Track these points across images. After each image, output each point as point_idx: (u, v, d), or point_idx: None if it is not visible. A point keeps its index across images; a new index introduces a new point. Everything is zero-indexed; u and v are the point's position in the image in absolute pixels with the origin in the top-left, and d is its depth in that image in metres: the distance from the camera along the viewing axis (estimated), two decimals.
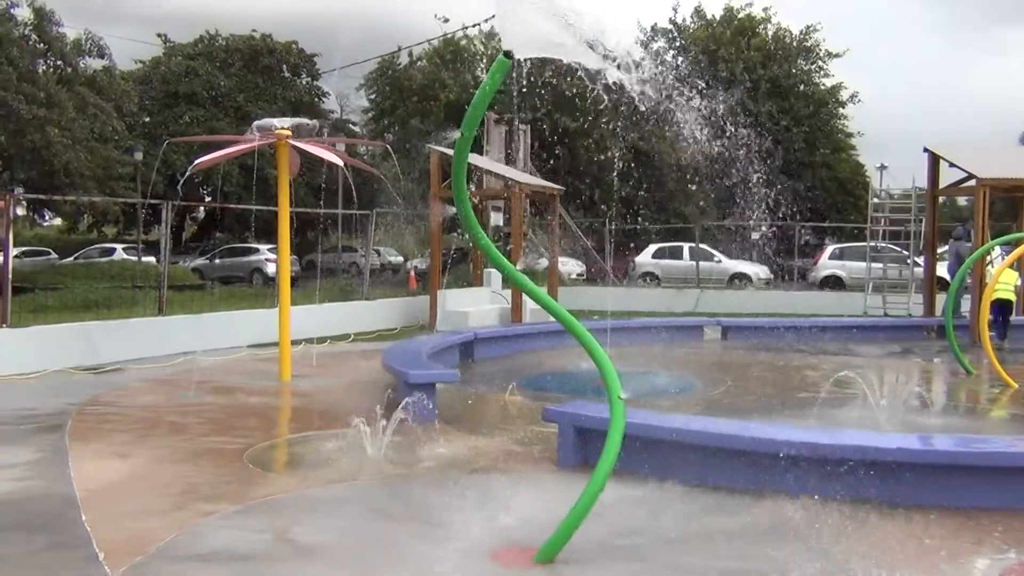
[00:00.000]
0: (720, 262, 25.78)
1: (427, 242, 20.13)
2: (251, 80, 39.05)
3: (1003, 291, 12.83)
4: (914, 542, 4.51)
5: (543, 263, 21.36)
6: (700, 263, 22.95)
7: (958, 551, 4.48)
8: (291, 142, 9.60)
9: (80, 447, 6.60)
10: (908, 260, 18.49)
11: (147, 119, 36.76)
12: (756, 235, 27.67)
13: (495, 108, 22.54)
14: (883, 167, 42.69)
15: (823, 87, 37.04)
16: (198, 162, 9.89)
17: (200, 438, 7.01)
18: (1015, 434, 7.85)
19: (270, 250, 28.62)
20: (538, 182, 19.07)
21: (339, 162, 9.98)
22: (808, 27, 36.82)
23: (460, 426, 7.32)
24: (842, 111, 37.71)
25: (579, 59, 3.77)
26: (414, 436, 6.68)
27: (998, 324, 13.10)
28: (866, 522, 4.78)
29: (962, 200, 30.54)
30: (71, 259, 32.18)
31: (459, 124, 3.76)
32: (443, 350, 10.31)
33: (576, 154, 31.57)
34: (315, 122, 10.04)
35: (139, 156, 30.71)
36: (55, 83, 24.32)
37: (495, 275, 17.63)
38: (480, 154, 20.82)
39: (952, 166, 15.09)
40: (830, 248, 27.98)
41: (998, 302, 12.94)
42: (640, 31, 38.37)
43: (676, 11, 37.84)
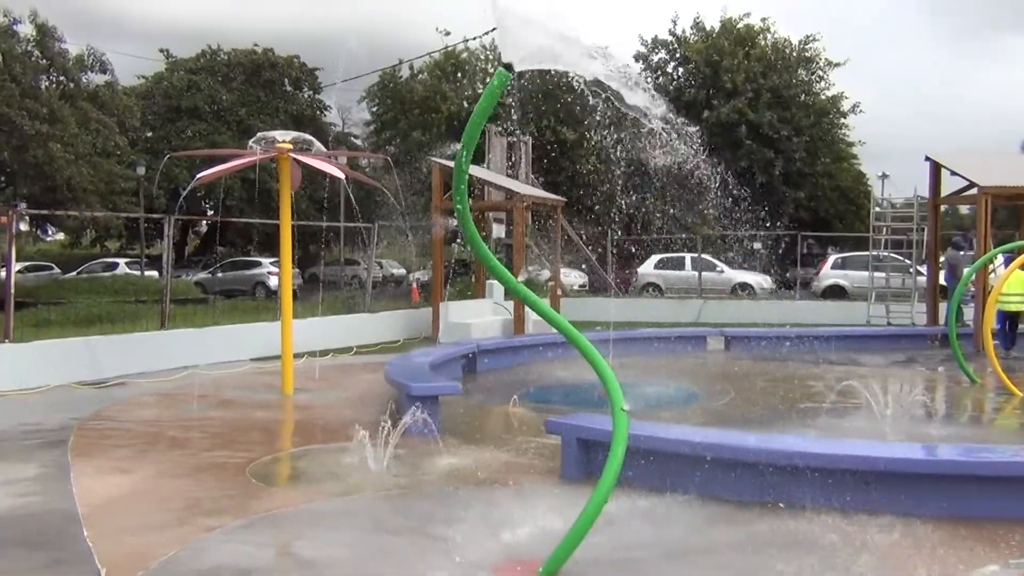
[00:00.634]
0: (722, 272, 25.76)
1: (429, 254, 20.12)
2: (253, 94, 39.18)
3: (1014, 303, 12.79)
4: (924, 552, 4.48)
5: (545, 274, 21.34)
6: (702, 273, 22.95)
7: (972, 561, 4.44)
8: (293, 155, 9.61)
9: (82, 462, 6.59)
10: (911, 269, 18.46)
11: (149, 134, 36.90)
12: (758, 245, 27.67)
13: (496, 121, 22.57)
14: (885, 176, 42.53)
15: (824, 97, 37.05)
16: (200, 176, 9.91)
17: (202, 452, 6.99)
18: (1021, 443, 7.81)
19: (272, 263, 28.66)
20: (540, 193, 19.09)
21: (341, 175, 9.99)
22: (807, 37, 36.86)
23: (463, 438, 7.29)
24: (843, 121, 37.70)
25: (578, 70, 3.78)
26: (417, 449, 6.67)
27: (1004, 333, 13.06)
28: (873, 533, 4.75)
29: (964, 208, 30.48)
30: (74, 274, 32.22)
31: (460, 136, 3.76)
32: (446, 362, 10.28)
33: (578, 165, 31.62)
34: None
35: (141, 171, 30.80)
36: (58, 99, 24.43)
37: (497, 287, 17.61)
38: (481, 166, 20.84)
39: (954, 174, 15.07)
40: (832, 257, 27.98)
41: (1007, 313, 12.92)
42: (641, 44, 38.45)
43: (675, 23, 37.89)
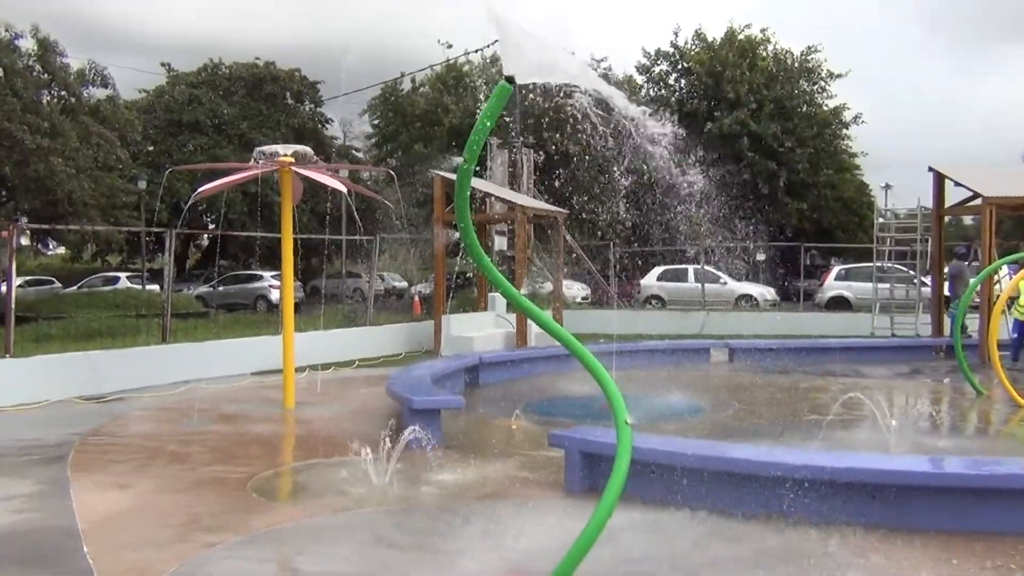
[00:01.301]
0: (726, 284, 25.74)
1: (431, 267, 20.13)
2: (254, 108, 39.32)
3: None
4: (930, 566, 4.46)
5: (547, 287, 21.34)
6: (706, 285, 22.92)
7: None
8: (294, 169, 9.63)
9: (82, 478, 6.57)
10: (915, 280, 18.44)
11: (151, 148, 37.01)
12: (761, 256, 27.67)
13: (497, 134, 22.66)
14: (888, 187, 42.52)
15: (826, 108, 37.12)
16: (201, 190, 9.93)
17: (203, 467, 6.97)
18: None
19: (274, 277, 28.68)
20: (542, 205, 19.10)
21: (342, 188, 10.01)
22: (809, 48, 36.97)
23: (465, 452, 7.27)
24: (846, 132, 37.74)
25: (579, 84, 3.79)
26: (419, 463, 6.64)
27: (1015, 344, 13.02)
28: (879, 547, 4.73)
29: (968, 219, 30.48)
30: (75, 288, 32.28)
31: (462, 149, 3.75)
32: (448, 375, 10.27)
33: (579, 177, 31.66)
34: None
35: (143, 185, 30.88)
36: (59, 113, 24.51)
37: (499, 299, 17.60)
38: (483, 178, 20.87)
39: (958, 185, 15.08)
40: (836, 269, 27.94)
41: (1020, 322, 12.92)
42: (643, 55, 38.55)
43: (677, 34, 38.01)
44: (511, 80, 3.66)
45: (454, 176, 7.48)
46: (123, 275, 35.30)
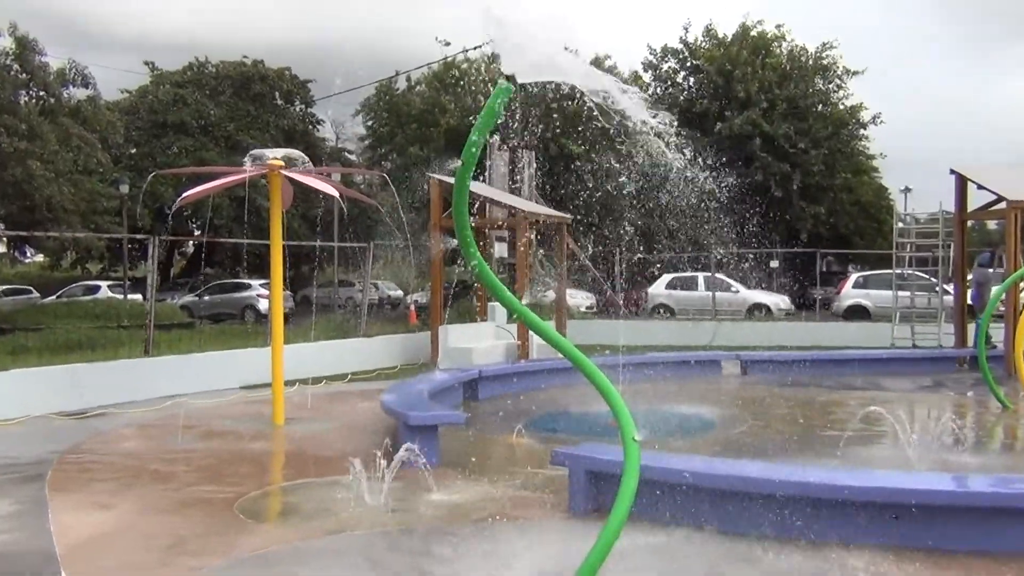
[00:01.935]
0: (738, 292, 25.74)
1: (428, 275, 20.16)
2: (242, 108, 39.42)
3: None
4: None
5: (550, 296, 21.34)
6: (716, 293, 22.93)
7: None
8: (284, 172, 9.64)
9: (61, 498, 6.56)
10: (936, 288, 18.44)
11: (133, 150, 37.12)
12: (775, 263, 27.68)
13: (498, 134, 22.68)
14: (907, 190, 42.69)
15: (842, 107, 37.16)
16: (186, 194, 9.93)
17: (188, 487, 6.96)
18: None
19: (262, 285, 28.69)
20: (544, 211, 19.12)
21: (334, 193, 10.01)
22: (824, 44, 37.02)
23: (464, 471, 7.25)
24: (863, 132, 37.77)
25: (581, 83, 3.80)
26: (415, 482, 6.63)
27: None
28: (901, 570, 4.71)
29: (992, 224, 30.50)
30: (53, 298, 32.30)
31: (460, 151, 3.76)
32: (445, 390, 10.26)
33: (584, 180, 31.69)
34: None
35: (125, 189, 30.94)
36: (37, 114, 24.59)
37: (500, 309, 17.60)
38: (482, 181, 20.91)
39: (981, 188, 15.07)
40: (854, 276, 27.96)
41: None
42: (650, 52, 38.65)
43: (687, 30, 38.11)
44: (512, 79, 3.66)
45: (451, 180, 7.50)
46: (104, 284, 35.38)
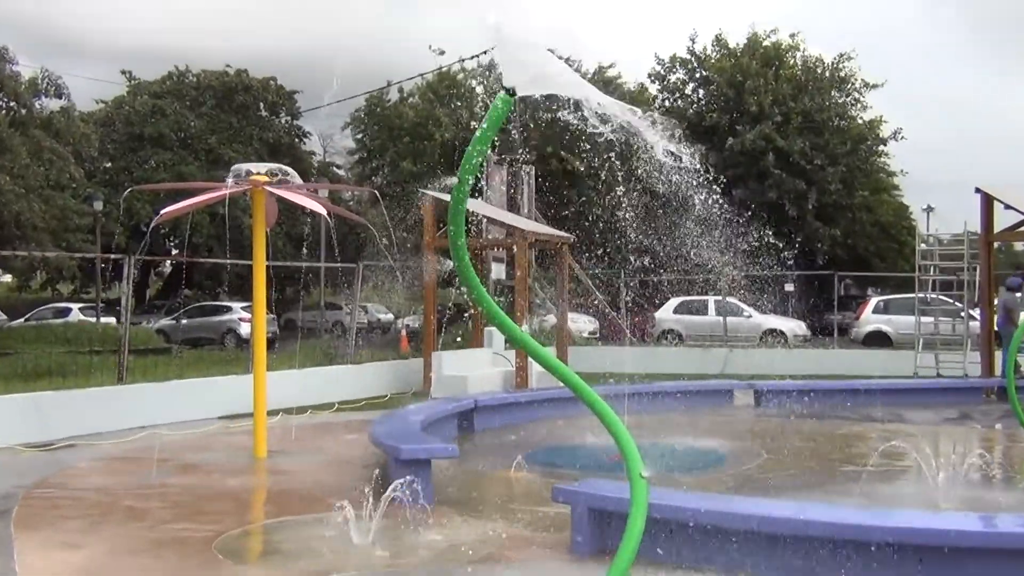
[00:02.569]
0: (750, 317, 25.73)
1: (420, 298, 20.15)
2: (224, 120, 39.58)
3: None
4: None
5: (551, 320, 21.34)
6: (728, 318, 22.92)
7: None
8: (268, 189, 9.66)
9: (27, 536, 6.53)
10: (962, 313, 18.45)
11: (108, 164, 37.24)
12: (790, 287, 27.69)
13: (496, 149, 22.77)
14: (930, 209, 42.90)
15: (861, 121, 37.27)
16: (164, 212, 9.95)
17: (163, 525, 6.93)
18: None
19: (244, 308, 28.68)
20: (545, 230, 19.17)
21: (322, 210, 10.04)
22: (841, 55, 37.20)
23: (459, 508, 7.24)
24: (883, 148, 37.88)
25: (584, 96, 3.83)
26: (407, 520, 6.60)
27: None
28: None
29: (1020, 245, 30.61)
30: (22, 320, 32.30)
31: (455, 167, 3.78)
32: (439, 420, 10.24)
33: (587, 198, 31.79)
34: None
35: (99, 205, 31.02)
36: (7, 126, 24.69)
37: (497, 335, 17.60)
38: (479, 198, 20.94)
39: (1008, 208, 15.14)
40: (874, 300, 28.01)
41: None
42: (657, 62, 38.84)
43: (694, 41, 38.30)
44: (511, 92, 3.68)
45: (446, 196, 7.51)
46: (76, 306, 35.32)
